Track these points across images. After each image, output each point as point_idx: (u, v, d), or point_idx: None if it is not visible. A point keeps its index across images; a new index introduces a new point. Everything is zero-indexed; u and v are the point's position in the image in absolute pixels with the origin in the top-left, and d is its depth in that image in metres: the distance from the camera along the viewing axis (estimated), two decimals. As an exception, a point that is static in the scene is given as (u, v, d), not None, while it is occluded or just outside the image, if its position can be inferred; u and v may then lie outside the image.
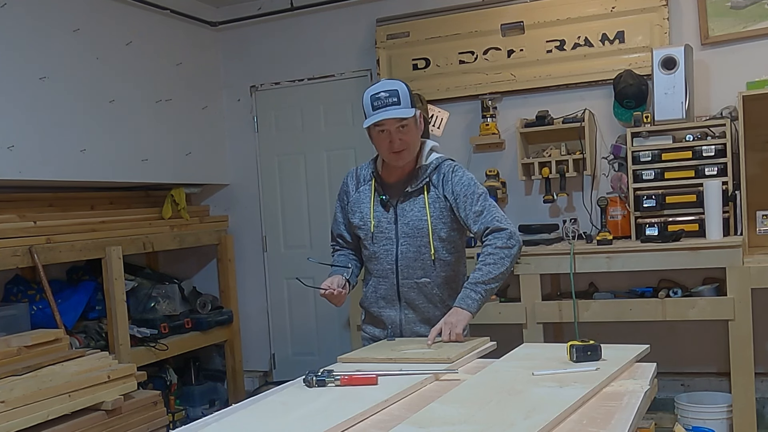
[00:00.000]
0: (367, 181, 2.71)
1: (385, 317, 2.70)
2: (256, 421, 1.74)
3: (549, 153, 4.45)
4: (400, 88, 2.54)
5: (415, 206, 2.63)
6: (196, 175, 5.27)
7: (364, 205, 2.69)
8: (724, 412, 3.81)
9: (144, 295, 4.92)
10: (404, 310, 2.68)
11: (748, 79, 3.99)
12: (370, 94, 2.54)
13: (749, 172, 3.91)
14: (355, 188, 2.74)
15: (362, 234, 2.70)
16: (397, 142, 2.53)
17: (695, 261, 3.74)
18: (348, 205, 2.74)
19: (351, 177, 2.78)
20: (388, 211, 2.65)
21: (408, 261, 2.63)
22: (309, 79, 5.31)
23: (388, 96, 2.50)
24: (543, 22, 4.59)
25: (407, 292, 2.66)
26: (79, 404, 3.15)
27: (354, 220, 2.71)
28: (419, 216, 2.61)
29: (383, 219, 2.65)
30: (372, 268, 2.72)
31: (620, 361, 2.06)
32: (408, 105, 2.53)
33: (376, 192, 2.67)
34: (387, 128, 2.53)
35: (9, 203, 4.12)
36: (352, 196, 2.73)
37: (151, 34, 4.88)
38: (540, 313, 3.98)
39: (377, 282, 2.70)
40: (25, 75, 3.97)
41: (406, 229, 2.62)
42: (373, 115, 2.52)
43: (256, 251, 5.57)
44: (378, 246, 2.66)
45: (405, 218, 2.63)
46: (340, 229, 2.81)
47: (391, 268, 2.65)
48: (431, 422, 1.60)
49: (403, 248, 2.63)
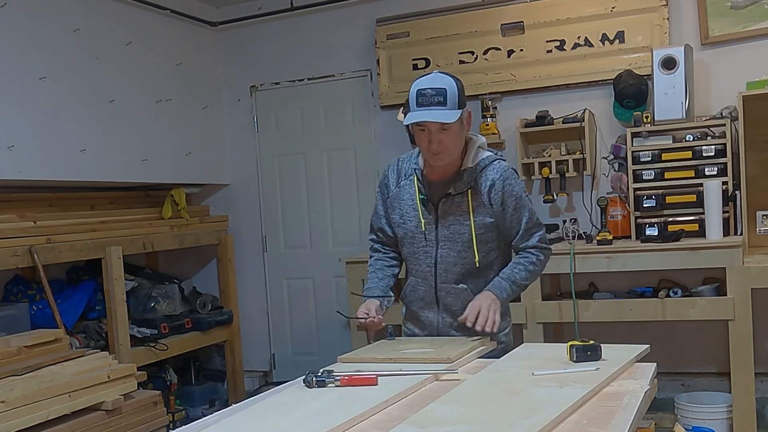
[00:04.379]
0: (408, 176, 2.58)
1: (423, 318, 2.62)
2: (256, 422, 1.74)
3: (549, 153, 4.46)
4: (449, 87, 2.35)
5: (458, 209, 2.49)
6: (196, 175, 5.27)
7: (404, 202, 2.57)
8: (724, 412, 3.81)
9: (144, 295, 4.92)
10: (441, 314, 2.58)
11: (748, 79, 3.99)
12: (417, 89, 2.35)
13: (749, 172, 3.91)
14: (395, 182, 2.61)
15: (400, 232, 2.59)
16: (436, 143, 2.38)
17: (695, 261, 3.74)
18: (389, 200, 2.62)
19: (392, 169, 2.63)
20: (430, 212, 2.52)
21: (447, 265, 2.53)
22: (309, 79, 5.31)
23: (435, 94, 2.32)
24: (543, 22, 4.59)
25: (445, 296, 2.56)
26: (79, 404, 3.15)
27: (393, 216, 2.60)
28: (461, 221, 2.49)
29: (424, 219, 2.52)
30: (411, 268, 2.61)
31: (620, 361, 2.06)
32: (454, 106, 2.35)
33: (418, 190, 2.53)
34: (427, 128, 2.37)
35: (9, 203, 4.12)
36: (393, 191, 2.61)
37: (151, 34, 4.88)
38: (540, 313, 3.98)
39: (416, 282, 2.60)
40: (25, 75, 3.97)
41: (446, 232, 2.51)
42: (414, 113, 2.36)
43: (256, 251, 5.57)
44: (418, 246, 2.56)
45: (446, 221, 2.50)
46: (381, 222, 2.68)
47: (430, 270, 2.55)
48: (431, 422, 1.60)
49: (443, 252, 2.52)
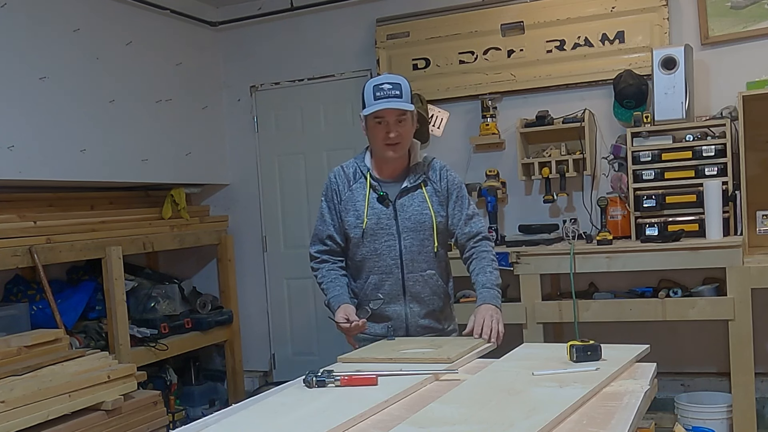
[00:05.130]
0: (357, 179, 2.70)
1: (390, 312, 2.68)
2: (256, 422, 1.74)
3: (549, 153, 4.46)
4: (403, 83, 2.59)
5: (415, 201, 2.66)
6: (196, 175, 5.27)
7: (359, 203, 2.67)
8: (724, 412, 3.81)
9: (144, 295, 4.92)
10: (409, 304, 2.68)
11: (748, 79, 3.99)
12: (373, 84, 2.57)
13: (749, 172, 3.91)
14: (346, 186, 2.70)
15: (357, 232, 2.66)
16: (394, 133, 2.56)
17: (695, 261, 3.74)
18: (341, 204, 2.70)
19: (338, 176, 2.73)
20: (387, 207, 2.65)
21: (413, 255, 2.65)
22: (309, 79, 5.31)
23: (392, 88, 2.55)
24: (543, 22, 4.59)
25: (413, 285, 2.67)
26: (79, 404, 3.16)
27: (348, 219, 2.68)
28: (420, 210, 2.65)
29: (383, 215, 2.65)
30: (372, 266, 2.69)
31: (620, 361, 2.06)
32: (409, 100, 2.59)
33: (372, 189, 2.66)
34: (386, 119, 2.56)
35: (9, 203, 4.12)
36: (344, 195, 2.69)
37: (151, 34, 4.88)
38: (540, 313, 3.98)
39: (379, 279, 2.67)
40: (25, 75, 3.97)
41: (408, 223, 2.64)
42: (374, 105, 2.55)
43: (256, 251, 5.57)
44: (379, 242, 2.65)
45: (406, 213, 2.65)
46: (329, 230, 2.73)
47: (395, 263, 2.65)
48: (431, 422, 1.60)
49: (407, 242, 2.65)
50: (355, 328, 2.59)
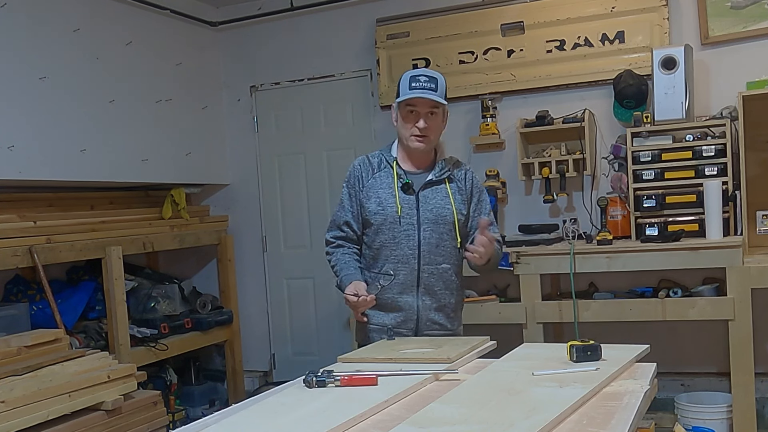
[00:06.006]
0: (383, 167, 2.72)
1: (401, 302, 2.68)
2: (256, 422, 1.74)
3: (549, 153, 4.45)
4: (440, 79, 2.61)
5: (438, 195, 2.68)
6: (196, 175, 5.27)
7: (382, 190, 2.68)
8: (724, 412, 3.81)
9: (144, 295, 4.92)
10: (422, 297, 2.69)
11: (748, 79, 3.99)
12: (410, 75, 2.60)
13: (749, 172, 3.91)
14: (370, 174, 2.72)
15: (378, 219, 2.67)
16: (423, 124, 2.59)
17: (695, 261, 3.74)
18: (363, 191, 2.71)
19: (363, 164, 2.75)
20: (411, 195, 2.67)
21: (430, 247, 2.66)
22: (309, 79, 5.31)
23: (428, 81, 2.57)
24: (543, 22, 4.59)
25: (427, 278, 2.68)
26: (79, 404, 3.15)
27: (370, 205, 2.68)
28: (443, 204, 2.67)
29: (405, 204, 2.66)
30: (389, 254, 2.68)
31: (620, 361, 2.06)
32: (443, 96, 2.61)
33: (398, 177, 2.67)
34: (418, 110, 2.59)
35: (9, 203, 4.13)
36: (367, 182, 2.71)
37: (151, 34, 4.88)
38: (540, 313, 3.98)
39: (395, 268, 2.65)
40: (25, 75, 3.97)
41: (429, 215, 2.66)
42: (408, 93, 2.57)
43: (256, 251, 5.57)
44: (397, 231, 2.65)
45: (428, 205, 2.66)
46: (347, 216, 2.74)
47: (413, 253, 2.66)
48: (431, 422, 1.60)
49: (426, 234, 2.65)
50: (363, 303, 2.58)
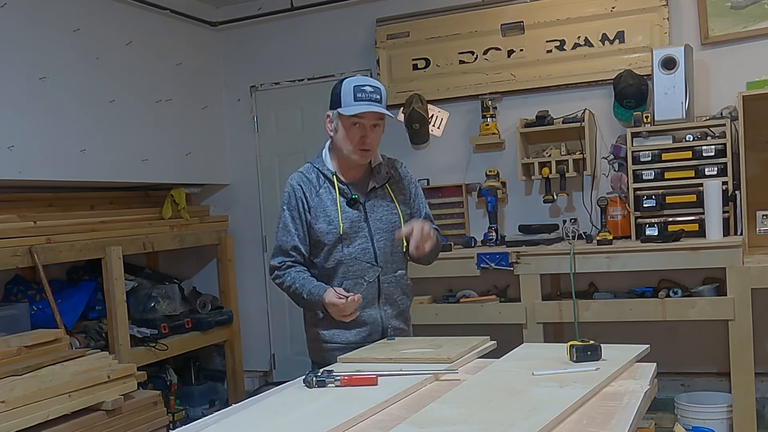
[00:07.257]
0: (322, 183, 2.60)
1: (366, 317, 2.60)
2: (256, 421, 1.74)
3: (549, 153, 4.45)
4: (382, 89, 2.54)
5: (383, 201, 2.64)
6: (196, 175, 5.27)
7: (329, 208, 2.57)
8: (724, 412, 3.81)
9: (144, 295, 4.92)
10: (383, 307, 2.63)
11: (748, 79, 3.99)
12: (354, 84, 2.48)
13: (749, 172, 3.91)
14: (313, 193, 2.59)
15: (331, 238, 2.56)
16: (370, 138, 2.52)
17: (695, 261, 3.74)
18: (310, 211, 2.58)
19: (302, 183, 2.61)
20: (358, 209, 2.59)
21: (386, 256, 2.61)
22: (309, 79, 5.31)
23: (373, 92, 2.49)
24: (543, 22, 4.59)
25: (387, 287, 2.63)
26: (79, 404, 3.15)
27: (319, 225, 2.56)
28: (389, 210, 2.64)
29: (354, 218, 2.58)
30: (345, 271, 2.58)
31: (620, 361, 2.06)
32: (385, 105, 2.54)
33: (340, 193, 2.57)
34: (363, 122, 2.50)
35: (9, 203, 4.13)
36: (313, 201, 2.58)
37: (151, 34, 4.88)
38: (540, 313, 3.98)
39: (354, 284, 2.54)
40: (25, 75, 3.97)
41: (379, 224, 2.61)
42: (356, 105, 2.46)
43: (256, 251, 5.56)
44: (353, 246, 2.57)
45: (376, 214, 2.61)
46: (294, 241, 2.59)
47: (371, 266, 2.58)
48: (431, 422, 1.60)
49: (380, 244, 2.60)
50: (352, 303, 2.46)
